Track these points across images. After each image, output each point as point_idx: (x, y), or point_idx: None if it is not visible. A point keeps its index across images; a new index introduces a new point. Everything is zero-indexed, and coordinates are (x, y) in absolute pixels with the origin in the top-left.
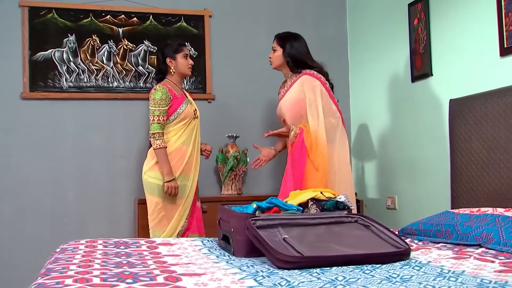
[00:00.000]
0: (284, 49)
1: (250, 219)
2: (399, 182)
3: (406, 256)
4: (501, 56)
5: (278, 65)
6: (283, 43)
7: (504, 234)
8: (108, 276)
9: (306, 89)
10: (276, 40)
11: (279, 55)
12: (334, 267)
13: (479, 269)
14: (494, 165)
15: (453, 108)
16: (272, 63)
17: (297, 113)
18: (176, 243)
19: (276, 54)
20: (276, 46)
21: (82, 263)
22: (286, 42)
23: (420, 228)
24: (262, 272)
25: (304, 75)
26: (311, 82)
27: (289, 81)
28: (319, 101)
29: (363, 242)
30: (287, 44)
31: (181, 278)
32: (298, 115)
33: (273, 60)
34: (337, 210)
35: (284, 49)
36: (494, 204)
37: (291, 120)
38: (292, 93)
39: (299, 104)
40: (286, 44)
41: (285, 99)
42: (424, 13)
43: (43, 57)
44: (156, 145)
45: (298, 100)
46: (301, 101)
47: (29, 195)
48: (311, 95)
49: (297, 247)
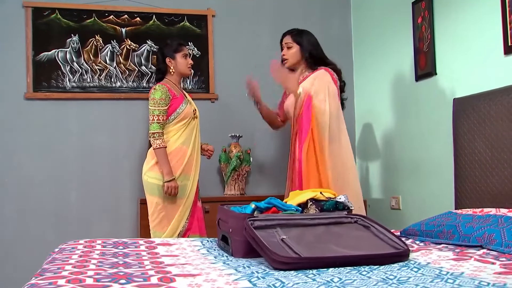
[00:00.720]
0: (301, 46)
1: (248, 219)
2: (403, 182)
3: (405, 257)
4: (505, 54)
5: (295, 62)
6: (299, 40)
7: (506, 235)
8: (102, 276)
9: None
10: (290, 37)
11: (296, 52)
12: (331, 268)
13: (478, 271)
14: (498, 165)
15: (457, 107)
16: (288, 61)
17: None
18: (175, 244)
19: (293, 51)
20: (291, 43)
21: (78, 263)
22: (302, 38)
23: (422, 229)
24: (257, 273)
25: (320, 69)
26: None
27: (300, 76)
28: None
29: (362, 243)
30: (304, 40)
31: (175, 279)
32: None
33: (288, 57)
34: (336, 210)
35: (302, 46)
36: (498, 205)
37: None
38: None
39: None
40: (303, 40)
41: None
42: (428, 11)
43: (47, 58)
44: (156, 145)
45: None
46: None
47: (32, 195)
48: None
49: (295, 248)
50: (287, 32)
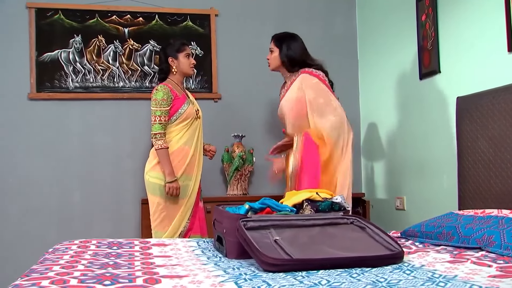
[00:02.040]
0: (280, 50)
1: (241, 220)
2: (408, 183)
3: (399, 259)
4: (509, 51)
5: (276, 66)
6: (279, 44)
7: (506, 237)
8: (88, 277)
9: (305, 87)
10: (273, 41)
11: (276, 56)
12: (321, 271)
13: (473, 274)
14: (501, 164)
15: (460, 106)
16: (270, 64)
17: (298, 112)
18: (170, 244)
19: (274, 55)
20: (273, 47)
21: (68, 263)
22: (282, 42)
23: (422, 230)
24: (245, 275)
25: (303, 73)
26: (310, 80)
27: (288, 81)
28: (320, 100)
29: (357, 245)
30: (283, 44)
31: (160, 280)
32: (299, 114)
33: (270, 61)
34: (332, 211)
35: (281, 50)
36: (501, 205)
37: (292, 120)
38: (293, 93)
39: (299, 104)
40: (283, 45)
41: (285, 99)
42: (432, 9)
43: (50, 58)
44: (157, 146)
45: (298, 100)
46: (301, 100)
47: (35, 195)
48: (310, 93)
49: (287, 249)
50: (273, 35)
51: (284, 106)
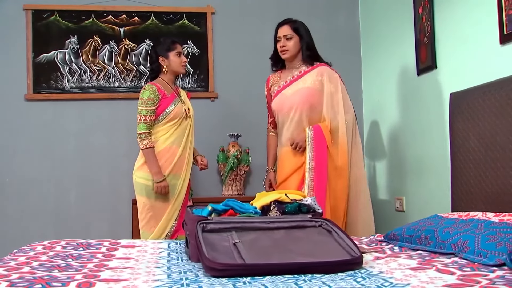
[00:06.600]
0: (301, 37)
1: (200, 222)
2: (407, 182)
3: (356, 265)
4: (501, 43)
5: (295, 53)
6: (298, 30)
7: (480, 242)
8: (22, 281)
9: (326, 80)
10: (289, 26)
11: (297, 43)
12: (267, 277)
13: (427, 283)
14: (491, 164)
15: (453, 103)
16: (289, 51)
17: (312, 104)
18: (140, 245)
19: (294, 41)
20: (291, 33)
21: (16, 265)
22: (301, 29)
23: (402, 234)
24: (186, 280)
25: (321, 66)
26: (331, 74)
27: (296, 71)
28: (339, 95)
29: (319, 249)
30: (302, 31)
31: (95, 284)
32: (313, 106)
33: (290, 48)
34: (300, 213)
35: (301, 37)
36: (491, 207)
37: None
38: (309, 84)
39: (315, 95)
40: (302, 31)
41: (295, 89)
42: (428, 1)
43: (46, 59)
44: (142, 145)
45: (315, 91)
46: (318, 92)
47: (32, 195)
48: (331, 87)
49: (243, 253)
50: (284, 22)
51: (293, 96)
